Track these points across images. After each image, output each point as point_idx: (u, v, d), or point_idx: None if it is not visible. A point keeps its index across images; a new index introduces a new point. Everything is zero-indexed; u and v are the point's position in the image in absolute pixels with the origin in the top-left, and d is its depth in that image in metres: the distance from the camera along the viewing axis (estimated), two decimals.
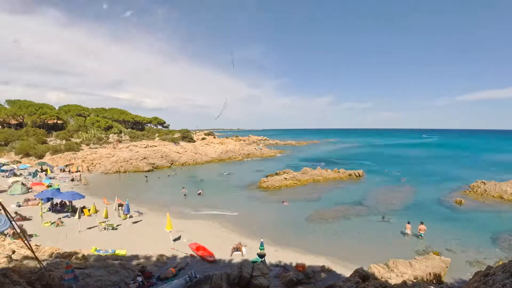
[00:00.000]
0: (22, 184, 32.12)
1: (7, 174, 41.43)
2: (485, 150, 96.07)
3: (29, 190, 31.67)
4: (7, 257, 11.07)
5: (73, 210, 24.46)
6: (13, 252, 12.45)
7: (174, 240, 18.84)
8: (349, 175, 44.13)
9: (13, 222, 15.45)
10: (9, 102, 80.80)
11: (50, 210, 24.67)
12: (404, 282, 8.69)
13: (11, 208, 24.54)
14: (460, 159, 70.48)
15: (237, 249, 17.15)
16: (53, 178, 40.90)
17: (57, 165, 51.82)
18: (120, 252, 16.11)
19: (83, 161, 52.70)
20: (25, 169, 45.88)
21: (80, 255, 13.30)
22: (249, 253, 16.90)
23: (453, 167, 56.71)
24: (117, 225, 21.61)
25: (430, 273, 12.56)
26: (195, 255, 16.45)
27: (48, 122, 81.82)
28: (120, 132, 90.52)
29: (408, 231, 20.49)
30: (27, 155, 57.13)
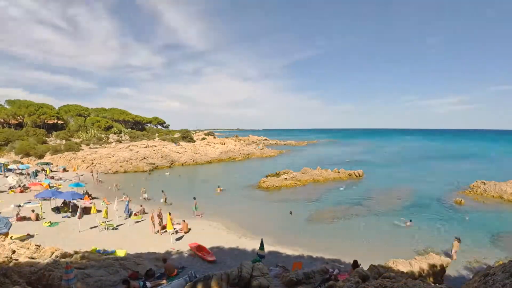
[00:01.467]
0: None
1: (6, 174, 41.43)
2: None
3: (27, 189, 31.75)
4: (7, 257, 11.08)
5: (74, 210, 24.47)
6: (13, 252, 12.45)
7: (174, 240, 18.85)
8: (349, 175, 44.12)
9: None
10: (9, 102, 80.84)
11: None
12: (405, 283, 8.68)
13: (11, 208, 24.56)
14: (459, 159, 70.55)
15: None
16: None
17: (57, 165, 51.87)
18: (120, 252, 16.11)
19: (83, 161, 52.70)
20: (26, 169, 45.86)
21: (80, 255, 13.30)
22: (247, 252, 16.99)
23: (453, 167, 56.73)
24: (117, 225, 21.62)
25: (430, 273, 12.55)
26: (195, 255, 16.45)
27: (48, 122, 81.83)
28: (120, 132, 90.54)
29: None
30: (27, 155, 57.16)
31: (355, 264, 12.51)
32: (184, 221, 21.25)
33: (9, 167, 46.29)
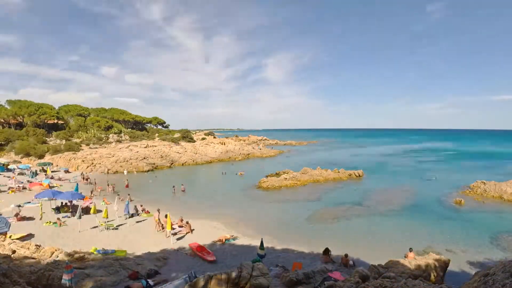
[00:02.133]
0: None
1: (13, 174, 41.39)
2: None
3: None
4: (7, 257, 11.07)
5: (74, 210, 24.45)
6: (13, 252, 12.46)
7: (175, 240, 18.84)
8: (349, 175, 44.11)
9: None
10: (9, 102, 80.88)
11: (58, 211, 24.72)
12: (405, 283, 8.68)
13: (11, 208, 24.53)
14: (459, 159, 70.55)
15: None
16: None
17: (57, 165, 51.85)
18: (120, 252, 16.11)
19: (83, 161, 52.70)
20: (26, 169, 45.85)
21: (80, 255, 13.30)
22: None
23: (453, 167, 56.74)
24: (117, 225, 21.62)
25: (429, 273, 12.55)
26: (195, 255, 16.44)
27: (48, 122, 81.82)
28: (120, 132, 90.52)
29: None
30: (27, 155, 57.15)
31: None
32: (187, 222, 21.17)
33: (9, 167, 46.31)
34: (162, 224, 20.44)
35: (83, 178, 40.77)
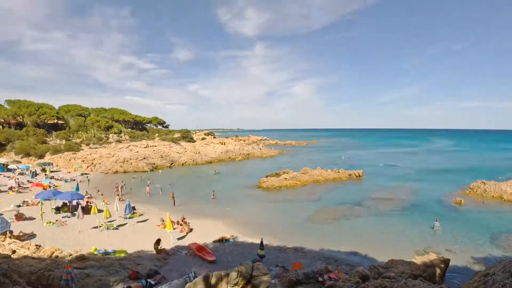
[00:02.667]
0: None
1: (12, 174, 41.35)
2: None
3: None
4: (7, 257, 11.08)
5: (74, 210, 24.45)
6: (13, 252, 12.46)
7: (176, 239, 18.84)
8: (349, 175, 44.10)
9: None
10: (9, 102, 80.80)
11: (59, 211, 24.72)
12: (405, 283, 8.69)
13: (11, 208, 24.53)
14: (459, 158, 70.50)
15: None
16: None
17: (57, 165, 51.85)
18: (120, 252, 16.11)
19: (83, 161, 52.72)
20: (26, 169, 45.85)
21: (80, 255, 13.30)
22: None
23: (453, 167, 56.71)
24: (117, 225, 21.62)
25: (429, 273, 12.55)
26: (195, 255, 16.44)
27: (48, 122, 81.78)
28: (120, 132, 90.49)
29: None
30: (27, 155, 57.16)
31: None
32: (185, 222, 21.24)
33: (9, 167, 46.32)
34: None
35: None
